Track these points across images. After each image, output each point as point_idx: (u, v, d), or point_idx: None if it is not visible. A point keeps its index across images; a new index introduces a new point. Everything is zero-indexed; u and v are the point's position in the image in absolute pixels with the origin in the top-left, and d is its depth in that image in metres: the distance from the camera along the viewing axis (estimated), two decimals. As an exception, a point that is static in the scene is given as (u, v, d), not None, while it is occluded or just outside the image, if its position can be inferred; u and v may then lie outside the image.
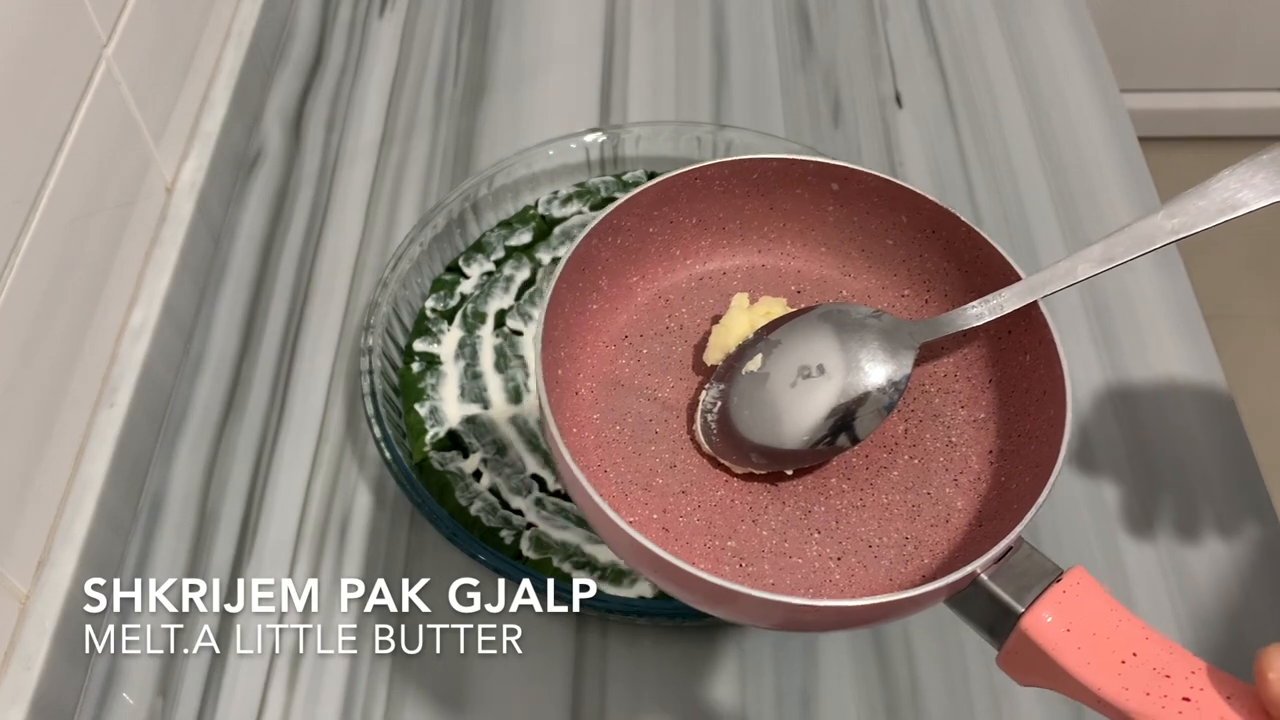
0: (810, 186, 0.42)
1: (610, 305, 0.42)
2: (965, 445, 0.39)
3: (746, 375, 0.39)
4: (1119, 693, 0.31)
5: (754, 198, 0.43)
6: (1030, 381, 0.38)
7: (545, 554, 0.56)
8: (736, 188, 0.42)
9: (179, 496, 0.62)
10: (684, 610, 0.54)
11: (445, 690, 0.55)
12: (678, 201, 0.42)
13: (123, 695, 0.55)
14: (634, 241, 0.42)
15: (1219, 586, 0.58)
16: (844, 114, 0.79)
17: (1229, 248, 1.46)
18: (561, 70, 0.83)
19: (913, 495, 0.39)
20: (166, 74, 0.70)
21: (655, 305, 0.43)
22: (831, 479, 0.39)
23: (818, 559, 0.38)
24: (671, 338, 0.42)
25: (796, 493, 0.39)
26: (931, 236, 0.42)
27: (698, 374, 0.42)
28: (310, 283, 0.71)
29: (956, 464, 0.39)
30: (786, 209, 0.43)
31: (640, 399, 0.41)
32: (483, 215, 0.69)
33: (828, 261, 0.44)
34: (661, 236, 0.43)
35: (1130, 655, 0.31)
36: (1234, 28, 1.59)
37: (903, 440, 0.40)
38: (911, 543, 0.38)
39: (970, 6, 0.87)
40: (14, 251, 0.52)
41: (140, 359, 0.62)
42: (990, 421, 0.40)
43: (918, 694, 0.55)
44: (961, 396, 0.40)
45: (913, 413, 0.40)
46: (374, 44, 0.85)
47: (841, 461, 0.39)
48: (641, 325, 0.42)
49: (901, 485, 0.39)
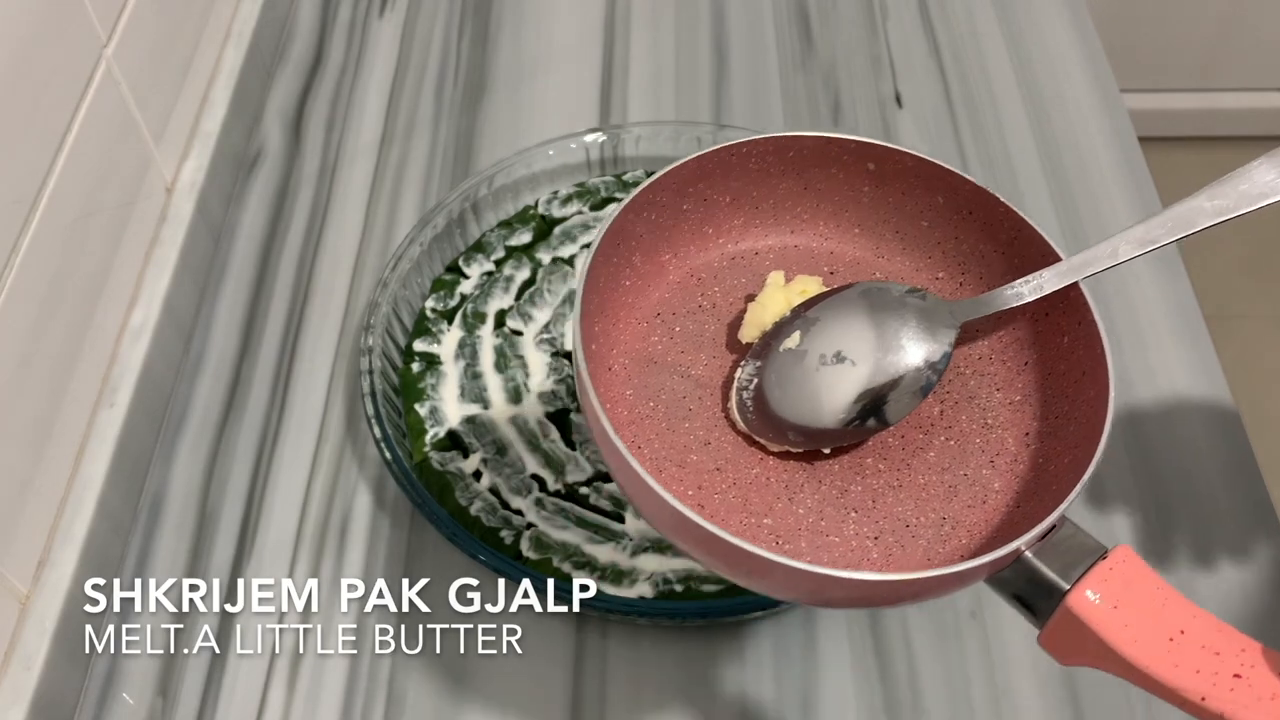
0: (846, 166, 0.42)
1: (643, 282, 0.42)
2: (1001, 427, 0.39)
3: (784, 353, 0.39)
4: (1168, 670, 0.31)
5: (789, 176, 0.42)
6: (1069, 363, 0.38)
7: (545, 554, 0.56)
8: (772, 166, 0.42)
9: (179, 496, 0.62)
10: (684, 610, 0.54)
11: (445, 690, 0.55)
12: (712, 178, 0.42)
13: (123, 695, 0.55)
14: (668, 218, 0.41)
15: (1218, 586, 0.58)
16: (844, 114, 0.79)
17: (1229, 248, 1.46)
18: (561, 70, 0.83)
19: (949, 476, 0.38)
20: (166, 74, 0.70)
21: (688, 283, 0.42)
22: (868, 459, 0.39)
23: (854, 538, 0.38)
24: (704, 316, 0.42)
25: (833, 472, 0.38)
26: (969, 218, 0.41)
27: (731, 352, 0.41)
28: (310, 283, 0.71)
29: (993, 446, 0.39)
30: (821, 188, 0.42)
31: (673, 376, 0.40)
32: (483, 215, 0.69)
33: (861, 243, 0.43)
34: (695, 214, 0.42)
35: (1178, 633, 0.31)
36: (1234, 28, 1.59)
37: (939, 422, 0.39)
38: (949, 523, 0.38)
39: (970, 6, 0.87)
40: (14, 251, 0.52)
41: (140, 359, 0.62)
42: (1027, 404, 0.39)
43: (918, 694, 0.55)
44: (998, 379, 0.40)
45: (948, 394, 0.39)
46: (374, 44, 0.85)
47: (878, 441, 0.39)
48: (674, 303, 0.42)
49: (938, 466, 0.39)
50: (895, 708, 0.54)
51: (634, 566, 0.55)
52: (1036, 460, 0.38)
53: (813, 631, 0.56)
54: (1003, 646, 0.56)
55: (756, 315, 0.41)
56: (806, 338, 0.39)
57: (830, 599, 0.37)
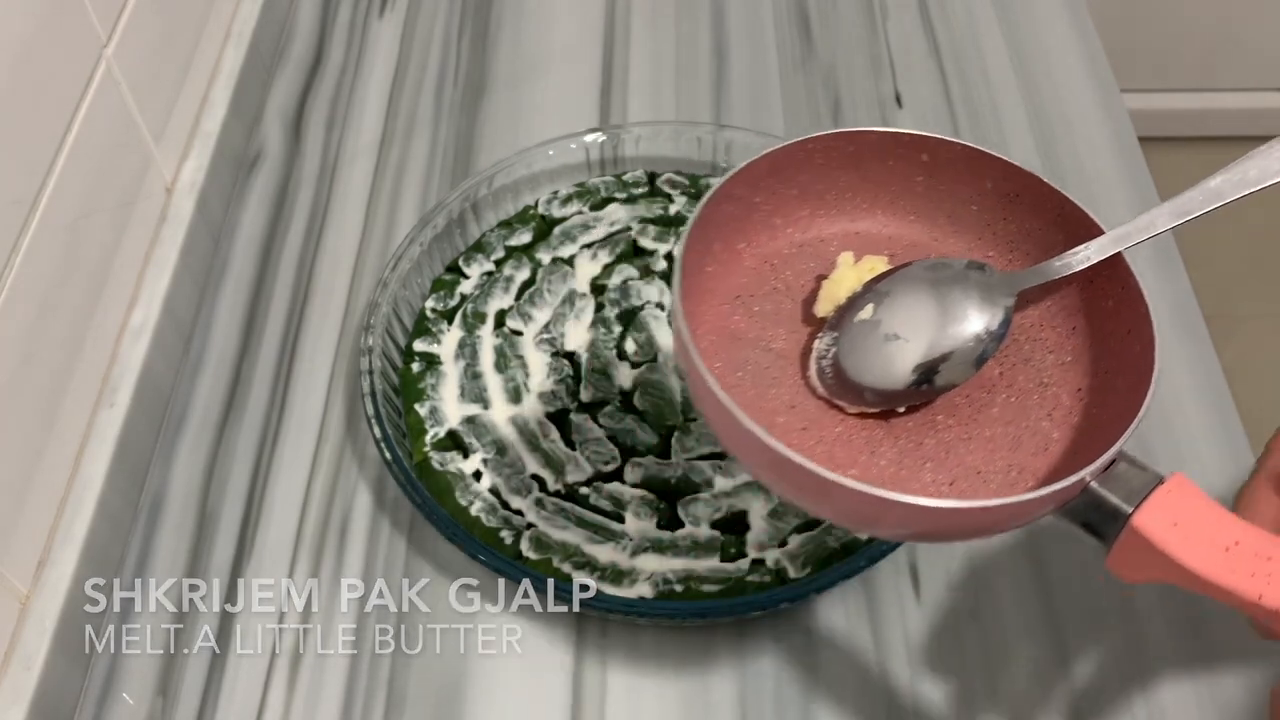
0: (901, 157, 0.45)
1: (722, 269, 0.45)
2: (1056, 385, 0.43)
3: (858, 324, 0.43)
4: (1226, 575, 0.35)
5: (849, 169, 0.46)
6: (1115, 324, 0.42)
7: (545, 554, 0.56)
8: (834, 159, 0.46)
9: (179, 496, 0.62)
10: (684, 610, 0.54)
11: (445, 690, 0.55)
12: (782, 174, 0.45)
13: (123, 695, 0.55)
14: (742, 210, 0.45)
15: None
16: (844, 114, 0.79)
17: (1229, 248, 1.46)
18: (561, 70, 0.83)
19: (1013, 429, 0.42)
20: (166, 74, 0.70)
21: (761, 269, 0.46)
22: (939, 416, 0.43)
23: (932, 484, 0.41)
24: (780, 296, 0.46)
25: (907, 428, 0.42)
26: (1016, 200, 0.45)
27: (807, 326, 0.45)
28: (310, 283, 0.71)
29: (1049, 401, 0.43)
30: (879, 179, 0.46)
31: (756, 350, 0.44)
32: (483, 215, 0.69)
33: (917, 228, 0.47)
34: (766, 206, 0.46)
35: (1233, 543, 0.35)
36: (1234, 28, 1.59)
37: (999, 382, 0.43)
38: (1015, 469, 0.41)
39: (970, 6, 0.87)
40: (14, 252, 0.52)
41: (140, 359, 0.62)
42: (1077, 363, 0.43)
43: (918, 694, 0.55)
44: (1050, 342, 0.44)
45: (1006, 358, 0.43)
46: (374, 44, 0.85)
47: (945, 401, 0.43)
48: (751, 286, 0.46)
49: (1002, 420, 0.42)
50: (895, 708, 0.54)
51: (634, 566, 0.55)
52: (1090, 411, 0.42)
53: (813, 632, 0.56)
54: (1004, 646, 0.56)
55: (830, 291, 0.45)
56: (878, 309, 0.43)
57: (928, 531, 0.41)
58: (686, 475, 0.59)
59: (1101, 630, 0.57)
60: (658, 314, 0.65)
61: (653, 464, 0.59)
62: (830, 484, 0.36)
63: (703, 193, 0.70)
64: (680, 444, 0.60)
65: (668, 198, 0.71)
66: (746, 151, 0.71)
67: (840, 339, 0.43)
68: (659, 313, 0.65)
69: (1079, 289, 0.43)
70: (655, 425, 0.61)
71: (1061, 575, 0.58)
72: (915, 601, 0.57)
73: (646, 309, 0.65)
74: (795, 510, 0.57)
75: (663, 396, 0.61)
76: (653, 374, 0.62)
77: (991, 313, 0.41)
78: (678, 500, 0.58)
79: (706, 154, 0.72)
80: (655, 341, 0.64)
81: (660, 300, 0.66)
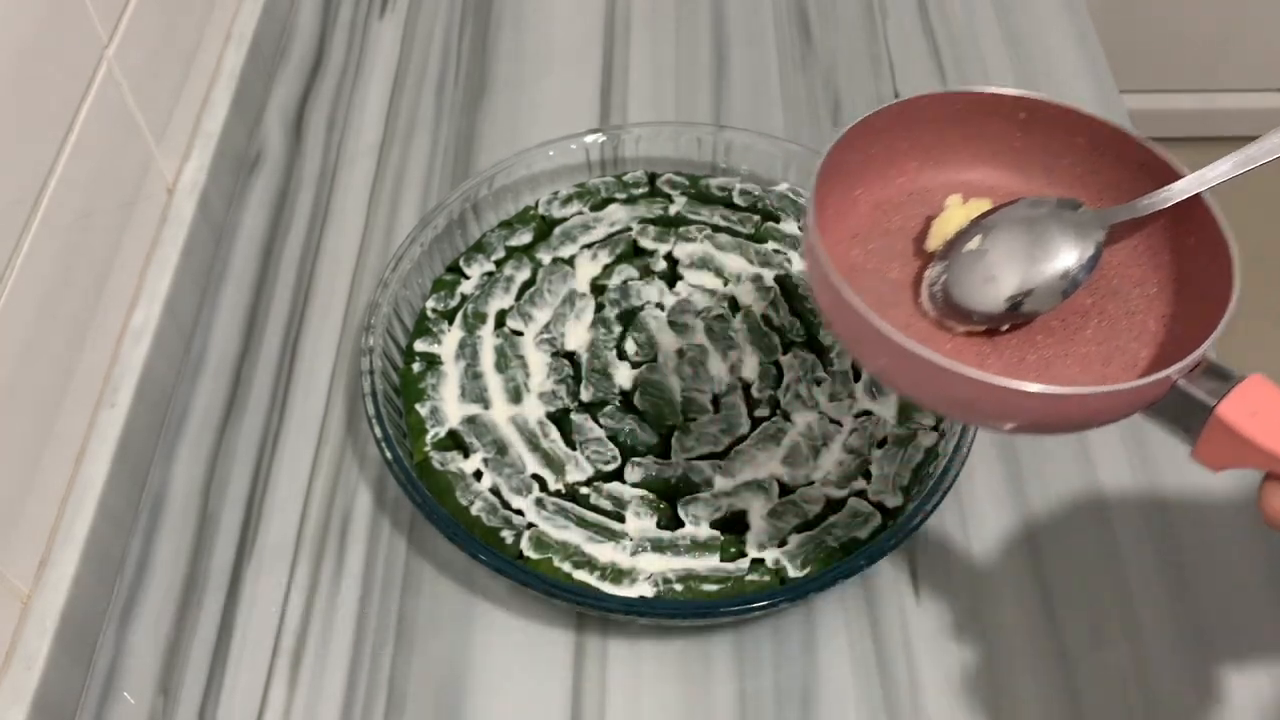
0: (1002, 116, 0.50)
1: (840, 212, 0.50)
2: (1143, 313, 0.48)
3: (966, 254, 0.47)
4: None
5: (955, 125, 0.51)
6: (1196, 258, 0.46)
7: (545, 554, 0.56)
8: (943, 116, 0.50)
9: (180, 496, 0.62)
10: (684, 610, 0.54)
11: (445, 690, 0.55)
12: (895, 128, 0.50)
13: (124, 694, 0.56)
14: (859, 160, 0.50)
15: (1217, 584, 0.58)
16: (843, 114, 0.79)
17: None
18: (562, 71, 0.83)
19: (1104, 348, 0.47)
20: (167, 75, 0.70)
21: (875, 214, 0.51)
22: (1037, 335, 0.48)
23: None
24: (893, 236, 0.51)
25: (1010, 345, 0.47)
26: (1104, 153, 0.49)
27: (918, 259, 0.50)
28: (311, 283, 0.71)
29: (1137, 326, 0.47)
30: (981, 136, 0.51)
31: (874, 279, 0.49)
32: (483, 216, 0.69)
33: (1015, 180, 0.51)
34: (880, 156, 0.51)
35: None
36: (1234, 28, 1.59)
37: (1091, 309, 0.48)
38: (1109, 382, 0.46)
39: (970, 7, 0.87)
40: (15, 252, 0.52)
41: (141, 359, 0.62)
42: (1162, 294, 0.48)
43: (917, 694, 0.55)
44: (1136, 277, 0.49)
45: (1097, 289, 0.48)
46: (374, 45, 0.85)
47: (1042, 323, 0.48)
48: (866, 228, 0.51)
49: (1094, 341, 0.47)
50: (895, 708, 0.54)
51: (634, 566, 0.55)
52: (1173, 332, 0.47)
53: (812, 631, 0.57)
54: (1002, 646, 0.56)
55: (940, 228, 0.49)
56: (985, 240, 0.47)
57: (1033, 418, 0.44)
58: (686, 475, 0.59)
59: (1101, 630, 0.57)
60: (658, 314, 0.65)
61: (653, 464, 0.59)
62: (950, 373, 0.41)
63: (703, 193, 0.71)
64: (680, 444, 0.60)
65: (668, 198, 0.71)
66: (746, 152, 0.72)
67: (949, 267, 0.48)
68: (659, 313, 0.65)
69: (1164, 229, 0.48)
70: (655, 425, 0.61)
71: (1061, 575, 0.58)
72: (915, 601, 0.57)
73: (646, 309, 0.65)
74: (797, 512, 0.57)
75: (663, 396, 0.62)
76: (653, 374, 0.62)
77: (1083, 245, 0.46)
78: (678, 500, 0.58)
79: (706, 154, 0.72)
80: (655, 341, 0.64)
81: (660, 300, 0.66)
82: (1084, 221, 0.47)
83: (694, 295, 0.66)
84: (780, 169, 0.71)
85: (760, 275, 0.67)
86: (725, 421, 0.61)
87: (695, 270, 0.67)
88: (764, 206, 0.70)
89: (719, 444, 0.60)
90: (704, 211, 0.70)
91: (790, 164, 0.71)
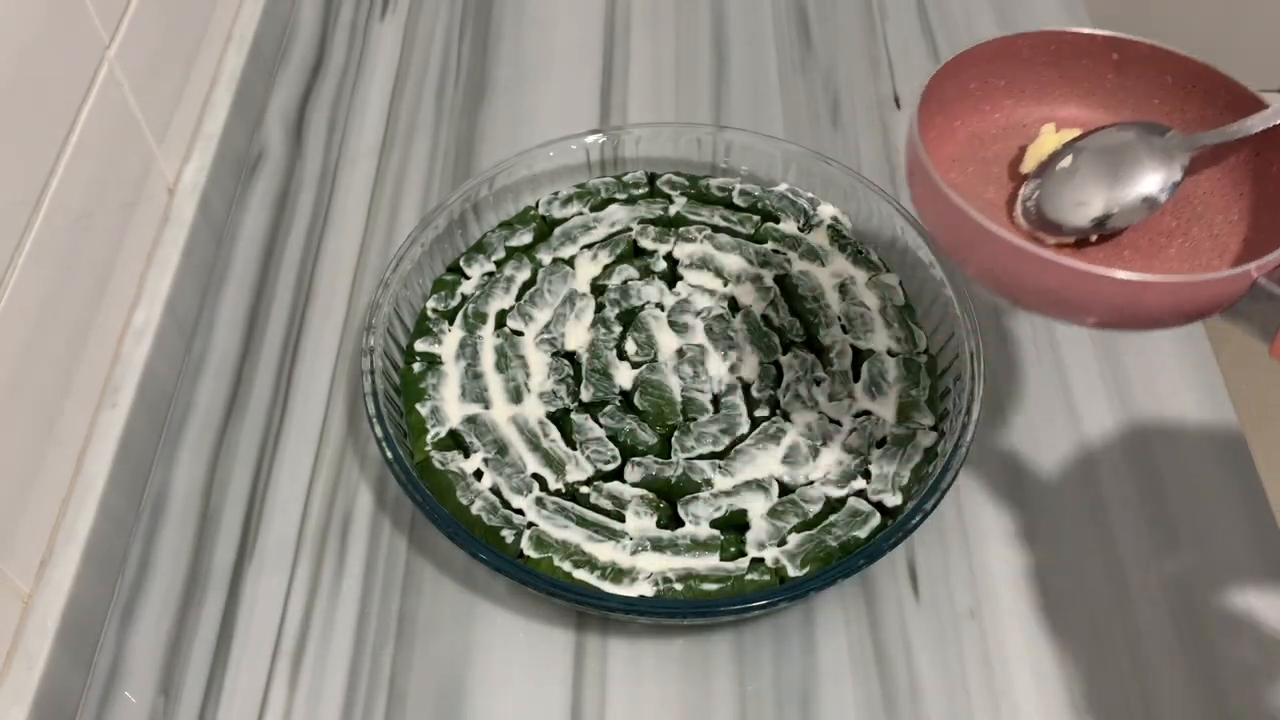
0: (1095, 56, 0.53)
1: (940, 138, 0.53)
2: (1225, 236, 0.50)
3: (1059, 172, 0.50)
4: None
5: (1049, 66, 0.54)
6: (1277, 183, 0.49)
7: (546, 553, 0.56)
8: (1038, 57, 0.53)
9: (181, 496, 0.62)
10: (684, 610, 0.54)
11: (446, 689, 0.55)
12: (993, 65, 0.53)
13: (125, 694, 0.56)
14: (957, 92, 0.53)
15: (1217, 583, 0.58)
16: (843, 115, 0.79)
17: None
18: (562, 72, 0.83)
19: (1188, 265, 0.49)
20: (168, 76, 0.70)
21: (972, 143, 0.54)
22: (1125, 250, 0.50)
23: None
24: (988, 163, 0.54)
25: (1098, 256, 0.50)
26: (1192, 90, 0.51)
27: (1013, 182, 0.53)
28: (312, 283, 0.71)
29: (1219, 246, 0.50)
30: (1073, 76, 0.54)
31: (972, 196, 0.52)
32: (483, 216, 0.70)
33: (1106, 117, 0.54)
34: (978, 91, 0.54)
35: None
36: (1234, 28, 1.59)
37: (1175, 231, 0.51)
38: None
39: (969, 8, 0.87)
40: (17, 252, 0.52)
41: (142, 359, 0.62)
42: (1244, 220, 0.50)
43: (917, 694, 0.55)
44: (1219, 204, 0.51)
45: (1181, 213, 0.51)
46: (375, 46, 0.85)
47: (1128, 238, 0.50)
48: (964, 154, 0.54)
49: (1178, 258, 0.50)
50: (895, 708, 0.54)
51: (634, 566, 0.56)
52: (1253, 251, 0.48)
53: (812, 631, 0.57)
54: (1002, 646, 0.56)
55: (1035, 152, 0.52)
56: (1076, 161, 0.50)
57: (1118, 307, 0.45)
58: (686, 475, 0.59)
59: (1101, 630, 0.57)
60: (658, 314, 0.65)
61: (653, 464, 0.59)
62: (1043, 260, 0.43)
63: (703, 193, 0.71)
64: (680, 444, 0.60)
65: (668, 198, 0.71)
66: (746, 152, 0.72)
67: (1042, 185, 0.51)
68: (659, 313, 0.65)
69: (1247, 160, 0.50)
70: (655, 425, 0.61)
71: (1060, 575, 0.58)
72: (914, 601, 0.58)
73: (646, 309, 0.65)
74: (797, 511, 0.57)
75: (663, 396, 0.62)
76: (653, 374, 0.63)
77: (1169, 168, 0.49)
78: (678, 499, 0.58)
79: (706, 155, 0.73)
80: (655, 341, 0.64)
81: (660, 300, 0.66)
82: (1171, 146, 0.50)
83: (694, 295, 0.66)
84: (780, 169, 0.71)
85: (760, 275, 0.67)
86: (725, 421, 0.61)
87: (695, 270, 0.67)
88: (764, 207, 0.70)
89: (719, 444, 0.60)
90: (704, 212, 0.70)
91: (790, 164, 0.71)
